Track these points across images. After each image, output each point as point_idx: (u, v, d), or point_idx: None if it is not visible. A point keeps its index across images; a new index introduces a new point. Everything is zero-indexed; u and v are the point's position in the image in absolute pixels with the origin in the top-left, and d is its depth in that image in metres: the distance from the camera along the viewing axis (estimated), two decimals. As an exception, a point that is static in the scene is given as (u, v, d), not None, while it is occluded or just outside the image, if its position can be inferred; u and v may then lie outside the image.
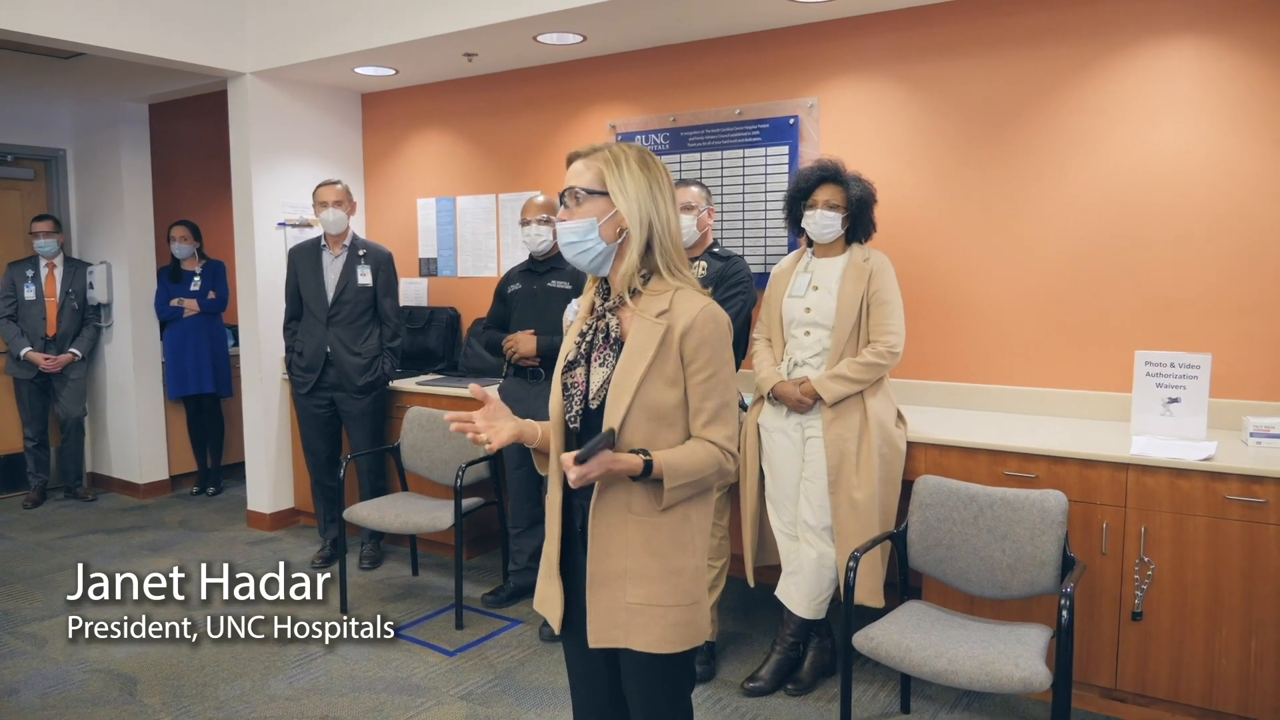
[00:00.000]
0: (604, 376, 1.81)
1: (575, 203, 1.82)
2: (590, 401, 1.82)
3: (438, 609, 3.96)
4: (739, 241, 4.15)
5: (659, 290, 1.81)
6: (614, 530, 1.80)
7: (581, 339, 1.87)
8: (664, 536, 1.80)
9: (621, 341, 1.81)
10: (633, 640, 1.80)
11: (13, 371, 5.59)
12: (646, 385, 1.77)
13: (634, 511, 1.79)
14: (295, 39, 4.63)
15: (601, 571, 1.81)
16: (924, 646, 2.47)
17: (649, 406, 1.77)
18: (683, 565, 1.82)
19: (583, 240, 1.81)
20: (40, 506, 5.66)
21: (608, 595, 1.81)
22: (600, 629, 1.81)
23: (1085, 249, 3.44)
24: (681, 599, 1.81)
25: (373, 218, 5.56)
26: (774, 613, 3.41)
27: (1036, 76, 3.49)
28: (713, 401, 1.80)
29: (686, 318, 1.77)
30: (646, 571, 1.79)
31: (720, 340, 1.80)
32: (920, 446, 3.19)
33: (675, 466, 1.76)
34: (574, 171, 1.84)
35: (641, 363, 1.77)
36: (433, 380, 4.73)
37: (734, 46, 4.13)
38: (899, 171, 3.77)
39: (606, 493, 1.80)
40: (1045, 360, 3.55)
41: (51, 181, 5.99)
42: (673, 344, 1.77)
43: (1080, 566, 2.60)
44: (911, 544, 2.86)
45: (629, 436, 1.77)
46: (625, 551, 1.80)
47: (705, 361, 1.78)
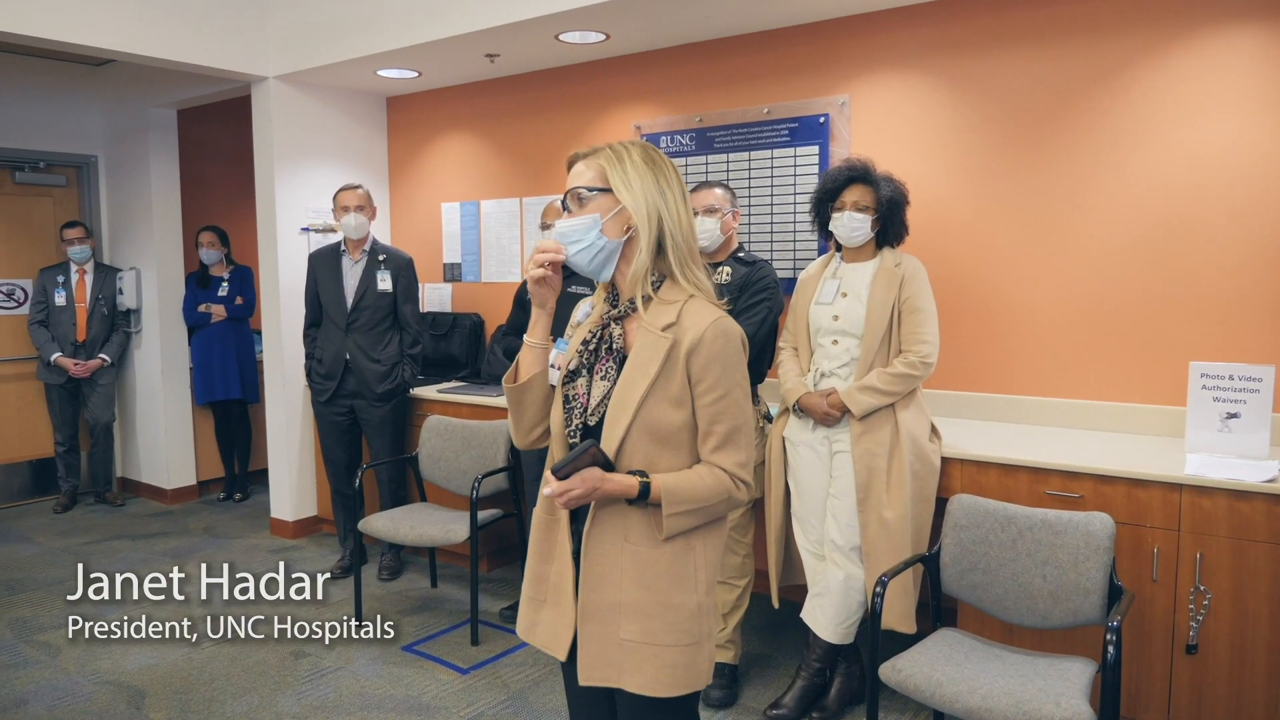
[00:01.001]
0: (604, 391, 1.68)
1: (578, 204, 1.70)
2: (589, 416, 1.69)
3: (454, 623, 3.85)
4: (767, 246, 3.99)
5: (669, 299, 1.67)
6: (608, 559, 1.67)
7: (585, 347, 1.74)
8: (660, 569, 1.66)
9: (624, 354, 1.68)
10: (625, 680, 1.66)
11: (44, 376, 5.61)
12: (648, 405, 1.63)
13: (630, 540, 1.66)
14: (317, 42, 4.57)
15: (593, 603, 1.67)
16: (956, 680, 2.30)
17: (650, 427, 1.63)
18: (680, 602, 1.67)
19: (583, 238, 1.67)
20: (70, 511, 5.67)
21: (600, 629, 1.67)
22: (591, 665, 1.68)
23: (1135, 252, 3.23)
24: (680, 638, 1.67)
25: (398, 223, 5.49)
26: (800, 634, 3.25)
27: (1081, 70, 3.29)
28: (723, 425, 1.65)
29: (694, 332, 1.63)
30: (640, 606, 1.65)
31: (732, 357, 1.65)
32: (955, 463, 3.01)
33: (676, 491, 1.62)
34: (575, 173, 1.73)
35: (643, 380, 1.63)
36: (454, 388, 4.63)
37: (762, 43, 3.97)
38: (935, 171, 3.59)
39: (602, 517, 1.67)
40: (1091, 371, 3.34)
41: (83, 188, 6.02)
42: (679, 361, 1.63)
43: (1129, 596, 2.40)
44: (945, 567, 2.68)
45: (628, 459, 1.64)
46: (619, 583, 1.66)
47: (715, 381, 1.64)
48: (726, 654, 3.21)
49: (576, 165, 1.73)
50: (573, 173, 1.73)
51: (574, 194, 1.70)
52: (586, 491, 1.57)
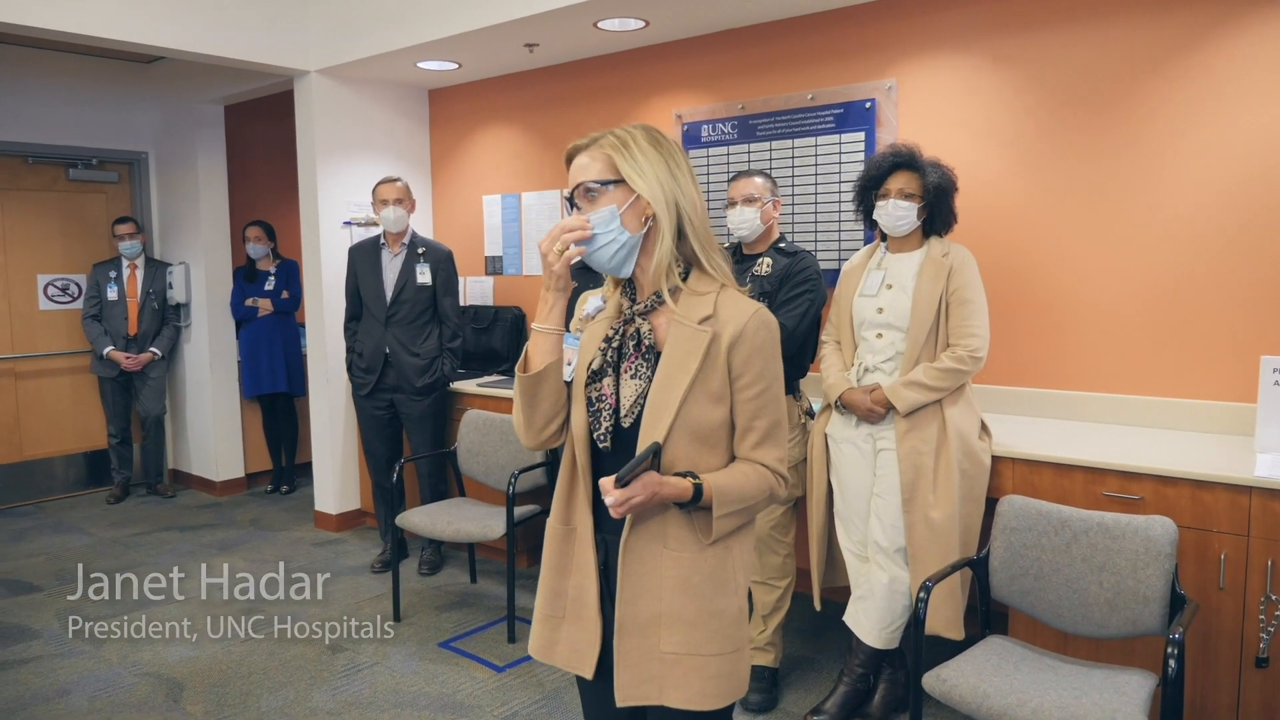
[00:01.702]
0: (637, 390, 1.57)
1: (588, 201, 1.58)
2: (623, 419, 1.58)
3: (491, 620, 3.81)
4: (811, 236, 3.88)
5: (700, 290, 1.58)
6: (646, 568, 1.57)
7: (608, 345, 1.63)
8: (704, 574, 1.57)
9: (656, 350, 1.58)
10: (667, 696, 1.56)
11: (97, 370, 5.71)
12: (690, 402, 1.54)
13: (669, 546, 1.56)
14: (356, 35, 4.56)
15: (632, 617, 1.57)
16: (1004, 693, 2.18)
17: (692, 426, 1.54)
18: (724, 607, 1.58)
19: (604, 233, 1.57)
20: (122, 502, 5.77)
21: (640, 644, 1.57)
22: (630, 684, 1.57)
23: (1201, 240, 3.05)
24: (724, 646, 1.58)
25: (440, 215, 5.47)
26: (843, 637, 3.14)
27: (1143, 48, 3.11)
28: (764, 420, 1.57)
29: (735, 325, 1.54)
30: (683, 615, 1.56)
31: (774, 350, 1.57)
32: (1007, 461, 2.87)
33: (725, 492, 1.53)
34: (578, 167, 1.61)
35: (684, 377, 1.54)
36: (494, 381, 4.60)
37: (805, 27, 3.85)
38: (986, 156, 3.44)
39: (639, 524, 1.56)
40: (1153, 365, 3.17)
41: (135, 184, 6.11)
42: (719, 355, 1.54)
43: (1192, 606, 2.25)
44: (994, 572, 2.55)
45: (670, 461, 1.55)
46: (658, 593, 1.56)
47: (757, 375, 1.56)
48: (766, 656, 3.12)
49: (578, 158, 1.61)
50: (575, 167, 1.61)
51: (582, 190, 1.59)
52: (646, 497, 1.47)
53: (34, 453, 5.76)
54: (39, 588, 4.27)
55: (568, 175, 1.64)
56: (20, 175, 5.64)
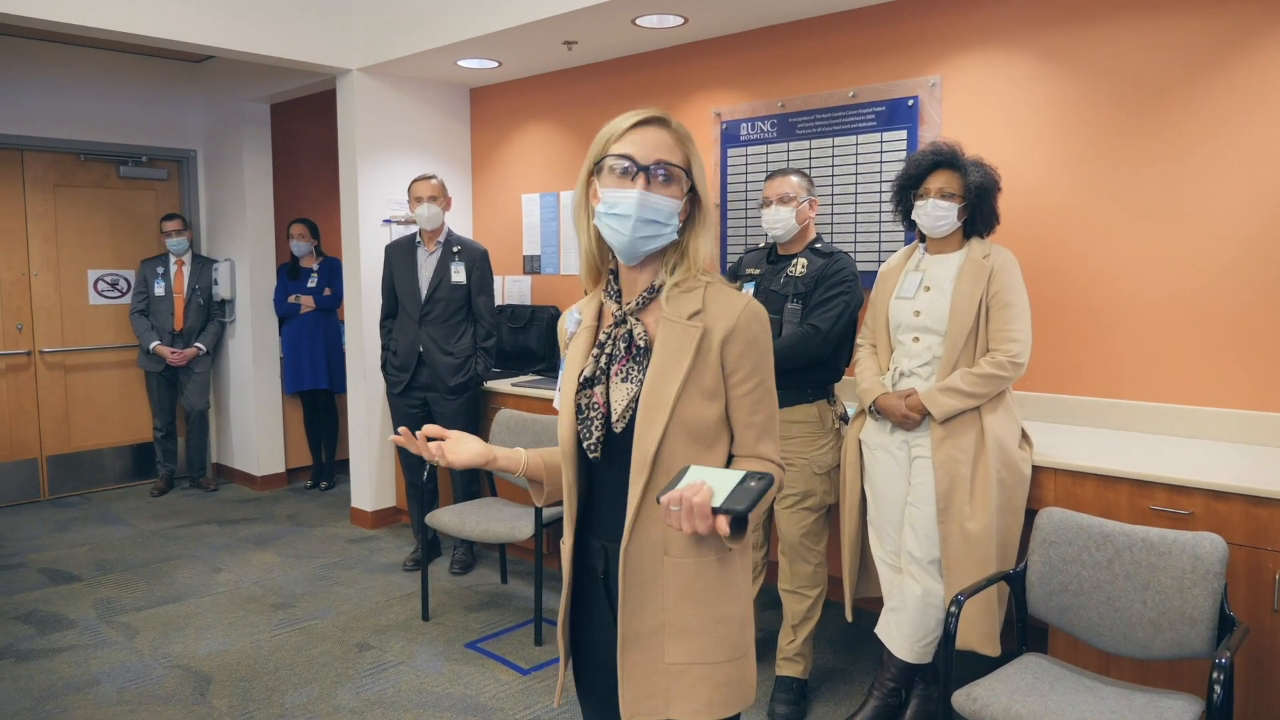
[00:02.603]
0: (628, 393, 1.50)
1: (660, 183, 1.48)
2: (614, 424, 1.51)
3: (520, 621, 3.78)
4: (850, 237, 3.78)
5: (687, 286, 1.51)
6: (647, 577, 1.50)
7: (600, 350, 1.55)
8: (707, 580, 1.50)
9: (647, 349, 1.51)
10: (674, 709, 1.50)
11: (144, 364, 5.81)
12: (684, 401, 1.46)
13: (670, 553, 1.49)
14: (397, 33, 4.57)
15: (635, 630, 1.51)
16: (1038, 714, 2.08)
17: (688, 425, 1.47)
18: (729, 613, 1.52)
19: (665, 223, 1.49)
20: (165, 495, 5.87)
21: (644, 657, 1.51)
22: (635, 699, 1.51)
23: (1259, 243, 2.90)
24: (730, 653, 1.51)
25: (479, 214, 5.47)
26: (875, 649, 3.05)
27: (1198, 43, 2.98)
28: (762, 414, 1.51)
29: (728, 319, 1.47)
30: (688, 624, 1.49)
31: (767, 342, 1.52)
32: (1048, 472, 2.76)
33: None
34: (660, 142, 1.49)
35: (677, 374, 1.46)
36: (531, 381, 4.57)
37: (847, 23, 3.76)
38: (1032, 155, 3.32)
39: (639, 533, 1.50)
40: (1207, 374, 3.02)
41: (183, 181, 6.21)
42: (712, 350, 1.47)
43: (1242, 629, 2.13)
44: (1031, 587, 2.45)
45: (666, 463, 1.47)
46: (662, 603, 1.50)
47: (752, 369, 1.49)
48: (795, 667, 3.04)
49: (661, 134, 1.50)
50: (658, 141, 1.49)
51: (661, 166, 1.48)
52: (696, 487, 1.33)
53: (82, 444, 5.88)
54: (79, 577, 4.34)
55: (623, 139, 1.50)
56: (73, 172, 5.76)
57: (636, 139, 1.49)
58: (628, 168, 1.48)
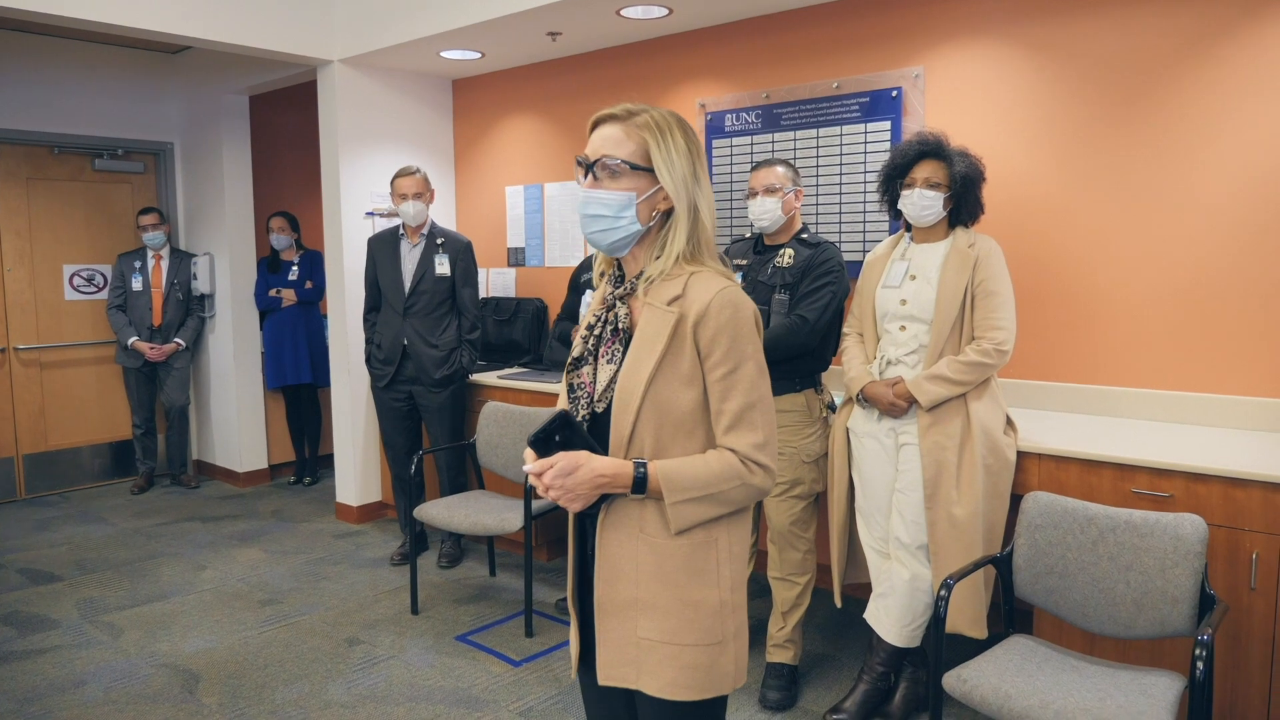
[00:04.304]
0: (611, 374, 1.55)
1: (609, 177, 1.54)
2: (596, 403, 1.57)
3: (510, 613, 3.79)
4: (835, 227, 3.82)
5: (674, 274, 1.55)
6: (623, 552, 1.55)
7: (590, 333, 1.62)
8: (678, 562, 1.54)
9: (631, 334, 1.56)
10: (643, 681, 1.56)
11: (122, 360, 5.75)
12: (658, 384, 1.50)
13: (646, 532, 1.54)
14: (380, 24, 4.54)
15: (610, 598, 1.57)
16: (1027, 694, 2.12)
17: (662, 409, 1.51)
18: (701, 598, 1.55)
19: (616, 216, 1.53)
20: (146, 493, 5.82)
21: (618, 626, 1.57)
22: (610, 664, 1.58)
23: (1237, 231, 2.96)
24: (700, 638, 1.54)
25: (463, 206, 5.46)
26: (864, 634, 3.10)
27: (1179, 34, 3.03)
28: (734, 402, 1.51)
29: (700, 303, 1.50)
30: (658, 602, 1.54)
31: (741, 329, 1.51)
32: (1033, 457, 2.81)
33: (676, 478, 1.49)
34: (608, 137, 1.55)
35: (650, 357, 1.50)
36: (515, 374, 4.58)
37: (831, 14, 3.78)
38: (1015, 146, 3.36)
39: (616, 508, 1.55)
40: (1186, 360, 3.09)
41: (160, 174, 6.15)
42: (686, 335, 1.50)
43: (1222, 607, 2.18)
44: (1018, 570, 2.49)
45: (638, 446, 1.52)
46: (635, 578, 1.55)
47: (723, 355, 1.50)
48: (786, 654, 3.08)
49: (608, 127, 1.56)
50: (604, 136, 1.55)
51: (605, 165, 1.54)
52: (568, 469, 1.43)
53: (59, 443, 5.81)
54: (60, 577, 4.30)
55: (588, 140, 1.58)
56: (47, 165, 5.69)
57: (593, 137, 1.58)
58: (579, 167, 1.58)
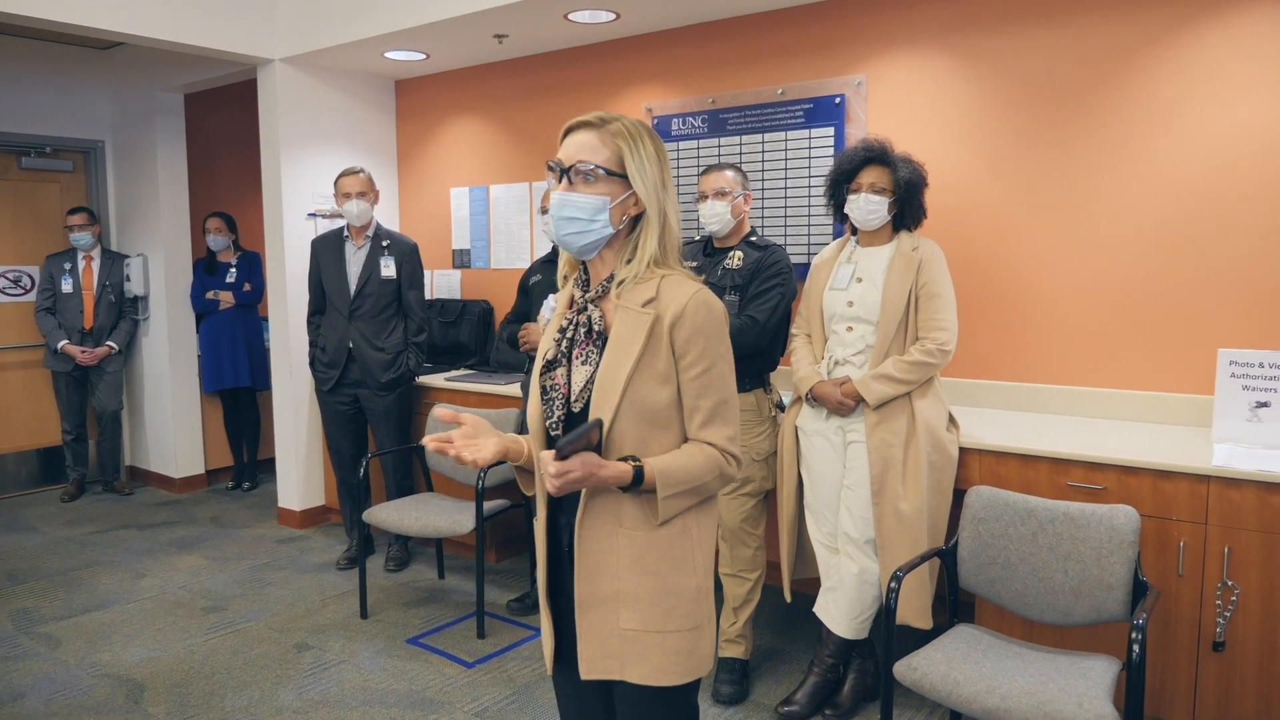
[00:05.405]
0: (587, 375, 1.60)
1: (583, 182, 1.59)
2: (573, 403, 1.61)
3: (460, 615, 3.79)
4: (780, 230, 3.90)
5: (645, 278, 1.60)
6: (603, 547, 1.60)
7: (562, 335, 1.66)
8: (659, 553, 1.60)
9: (605, 336, 1.61)
10: (628, 671, 1.60)
11: (50, 364, 5.57)
12: (635, 384, 1.56)
13: (624, 525, 1.59)
14: (324, 23, 4.49)
15: (590, 594, 1.61)
16: (974, 680, 2.21)
17: (639, 407, 1.56)
18: (681, 585, 1.61)
19: (590, 219, 1.58)
20: (77, 500, 5.64)
21: (599, 621, 1.61)
22: (592, 658, 1.62)
23: (1162, 235, 3.12)
24: (681, 623, 1.61)
25: (406, 208, 5.42)
26: (813, 629, 3.17)
27: (1107, 47, 3.17)
28: (709, 399, 1.59)
29: (676, 306, 1.56)
30: (640, 593, 1.59)
31: (715, 330, 1.59)
32: (974, 453, 2.91)
33: (669, 473, 1.55)
34: (583, 144, 1.60)
35: (628, 358, 1.56)
36: (462, 376, 4.57)
37: (776, 22, 3.86)
38: (954, 152, 3.48)
39: (593, 505, 1.60)
40: (1116, 359, 3.24)
41: (90, 173, 5.97)
42: (662, 336, 1.56)
43: (1154, 593, 2.30)
44: (962, 561, 2.59)
45: (619, 442, 1.57)
46: (615, 571, 1.59)
47: (699, 354, 1.57)
48: (737, 649, 3.14)
49: (583, 134, 1.61)
50: (579, 142, 1.60)
51: (581, 171, 1.59)
52: (584, 475, 1.48)
53: (-15, 449, 5.61)
54: (-8, 587, 4.16)
55: (561, 146, 1.63)
56: (-30, 164, 5.49)
57: (567, 143, 1.63)
58: (552, 171, 1.62)
